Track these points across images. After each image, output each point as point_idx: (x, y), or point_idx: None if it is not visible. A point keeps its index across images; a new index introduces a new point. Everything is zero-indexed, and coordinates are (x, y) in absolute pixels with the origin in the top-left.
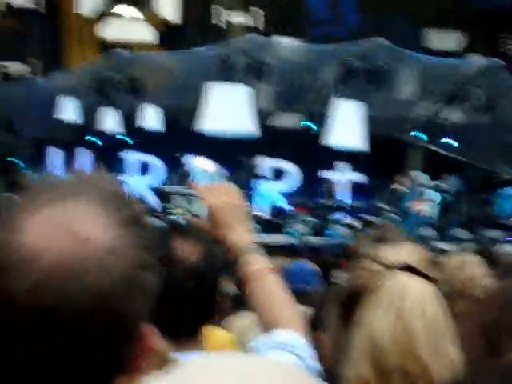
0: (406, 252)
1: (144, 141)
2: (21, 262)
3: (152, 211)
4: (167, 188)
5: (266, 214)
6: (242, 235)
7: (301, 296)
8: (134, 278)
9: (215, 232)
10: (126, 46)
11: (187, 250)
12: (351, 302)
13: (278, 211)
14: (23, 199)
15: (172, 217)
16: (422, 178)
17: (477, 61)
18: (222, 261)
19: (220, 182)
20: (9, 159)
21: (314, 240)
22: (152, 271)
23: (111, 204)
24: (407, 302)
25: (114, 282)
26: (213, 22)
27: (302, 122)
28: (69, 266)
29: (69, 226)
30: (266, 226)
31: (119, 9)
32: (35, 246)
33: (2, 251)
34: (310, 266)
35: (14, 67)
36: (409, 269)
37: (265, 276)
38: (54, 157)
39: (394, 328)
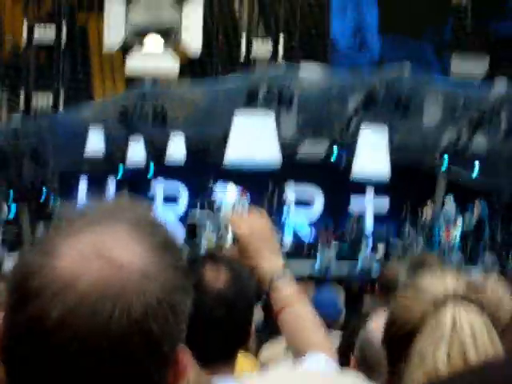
0: (450, 279)
1: (170, 171)
2: (55, 287)
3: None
4: (196, 216)
5: (291, 242)
6: (272, 262)
7: (328, 323)
8: (168, 301)
9: (245, 260)
10: (151, 77)
11: (216, 278)
12: (401, 336)
13: (303, 239)
14: (57, 225)
15: (202, 245)
16: (450, 204)
17: (500, 86)
18: (252, 289)
19: (248, 210)
20: (38, 191)
21: (340, 267)
22: (185, 295)
23: (144, 229)
24: (459, 332)
25: (148, 306)
26: (237, 51)
27: (328, 150)
28: (102, 292)
29: (103, 251)
30: (292, 253)
31: (144, 41)
32: (69, 271)
33: (36, 275)
34: (336, 293)
35: (40, 99)
36: (456, 297)
37: (295, 301)
38: (82, 188)
39: (448, 359)
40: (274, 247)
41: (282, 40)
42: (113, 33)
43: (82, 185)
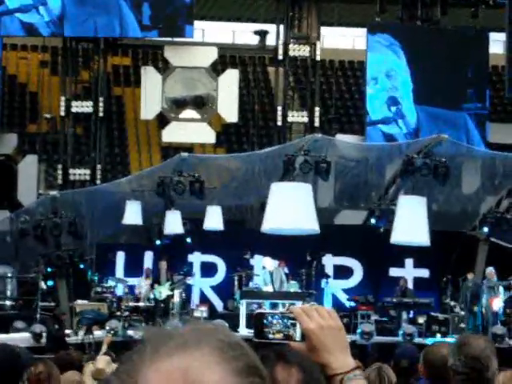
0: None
1: (207, 242)
2: None
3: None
4: (263, 309)
5: None
6: (343, 360)
7: None
8: None
9: (313, 357)
10: (187, 148)
11: (288, 379)
12: None
13: (342, 309)
14: (145, 348)
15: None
16: (493, 273)
17: None
18: None
19: (316, 305)
20: (75, 265)
21: (380, 339)
22: None
23: (229, 353)
24: None
25: None
26: (272, 122)
27: (365, 219)
28: None
29: (188, 375)
30: None
31: (180, 112)
32: None
33: None
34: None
35: (78, 172)
36: None
37: None
38: (119, 260)
39: None
40: (343, 345)
41: (317, 112)
42: (149, 104)
43: (119, 256)
